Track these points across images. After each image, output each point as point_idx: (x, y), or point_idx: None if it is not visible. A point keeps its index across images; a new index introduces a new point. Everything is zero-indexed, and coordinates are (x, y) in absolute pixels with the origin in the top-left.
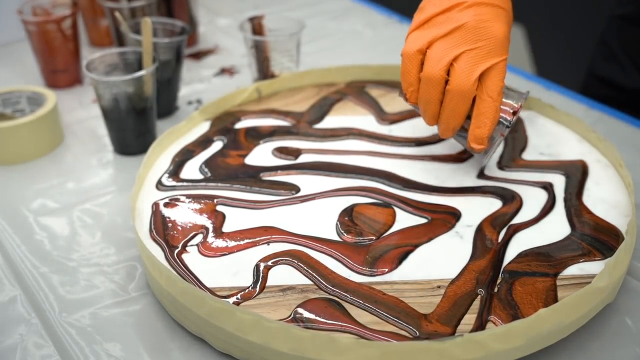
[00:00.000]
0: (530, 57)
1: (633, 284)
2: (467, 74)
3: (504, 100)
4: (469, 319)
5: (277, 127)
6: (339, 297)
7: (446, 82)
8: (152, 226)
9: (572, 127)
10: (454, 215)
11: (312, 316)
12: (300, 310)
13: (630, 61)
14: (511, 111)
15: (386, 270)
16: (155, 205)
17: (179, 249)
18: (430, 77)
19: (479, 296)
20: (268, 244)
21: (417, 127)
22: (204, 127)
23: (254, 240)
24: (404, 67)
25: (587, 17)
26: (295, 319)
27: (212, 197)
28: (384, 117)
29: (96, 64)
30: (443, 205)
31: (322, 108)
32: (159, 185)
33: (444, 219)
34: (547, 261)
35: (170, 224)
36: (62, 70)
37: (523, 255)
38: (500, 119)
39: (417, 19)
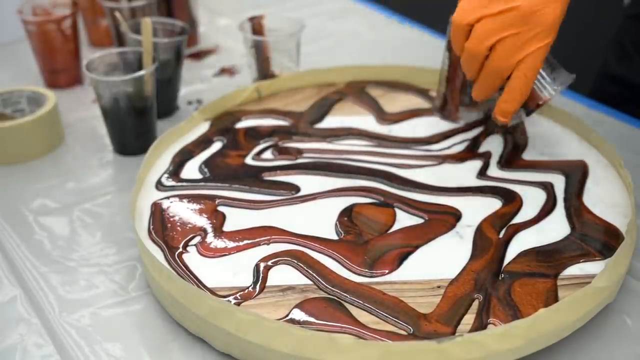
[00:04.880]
0: None
1: (633, 284)
2: (508, 58)
3: (536, 86)
4: (469, 319)
5: (277, 127)
6: (338, 297)
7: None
8: (151, 227)
9: (572, 127)
10: (454, 215)
11: (311, 316)
12: (300, 310)
13: None
14: (536, 102)
15: (386, 271)
16: (155, 205)
17: (179, 249)
18: (472, 52)
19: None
20: (268, 244)
21: (417, 127)
22: (203, 127)
23: (253, 240)
24: (453, 35)
25: (600, 17)
26: (295, 319)
27: (212, 198)
28: (383, 117)
29: (96, 64)
30: (443, 205)
31: (322, 108)
32: (159, 185)
33: (443, 219)
34: (547, 261)
35: (169, 225)
36: (62, 70)
37: (523, 256)
38: (524, 105)
39: None
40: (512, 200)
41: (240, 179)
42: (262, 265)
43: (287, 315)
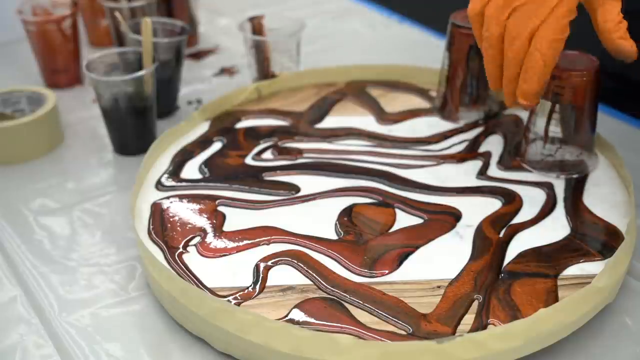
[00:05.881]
0: None
1: (633, 284)
2: (520, 28)
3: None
4: (469, 319)
5: (277, 127)
6: (338, 297)
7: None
8: (151, 227)
9: None
10: (454, 215)
11: (311, 316)
12: (299, 310)
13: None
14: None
15: (386, 271)
16: (155, 205)
17: (179, 249)
18: (487, 39)
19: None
20: (268, 244)
21: (417, 127)
22: (203, 127)
23: (253, 240)
24: (473, 30)
25: None
26: (295, 319)
27: (212, 198)
28: (384, 117)
29: (96, 64)
30: (443, 205)
31: (322, 108)
32: (159, 185)
33: (443, 219)
34: (547, 261)
35: (169, 225)
36: (62, 70)
37: (523, 256)
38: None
39: None
40: (512, 200)
41: (240, 179)
42: (262, 265)
43: (287, 315)
